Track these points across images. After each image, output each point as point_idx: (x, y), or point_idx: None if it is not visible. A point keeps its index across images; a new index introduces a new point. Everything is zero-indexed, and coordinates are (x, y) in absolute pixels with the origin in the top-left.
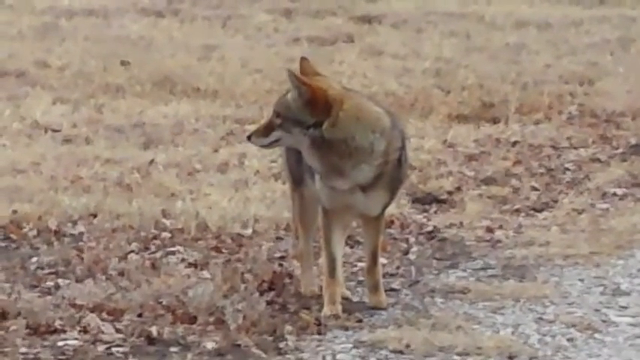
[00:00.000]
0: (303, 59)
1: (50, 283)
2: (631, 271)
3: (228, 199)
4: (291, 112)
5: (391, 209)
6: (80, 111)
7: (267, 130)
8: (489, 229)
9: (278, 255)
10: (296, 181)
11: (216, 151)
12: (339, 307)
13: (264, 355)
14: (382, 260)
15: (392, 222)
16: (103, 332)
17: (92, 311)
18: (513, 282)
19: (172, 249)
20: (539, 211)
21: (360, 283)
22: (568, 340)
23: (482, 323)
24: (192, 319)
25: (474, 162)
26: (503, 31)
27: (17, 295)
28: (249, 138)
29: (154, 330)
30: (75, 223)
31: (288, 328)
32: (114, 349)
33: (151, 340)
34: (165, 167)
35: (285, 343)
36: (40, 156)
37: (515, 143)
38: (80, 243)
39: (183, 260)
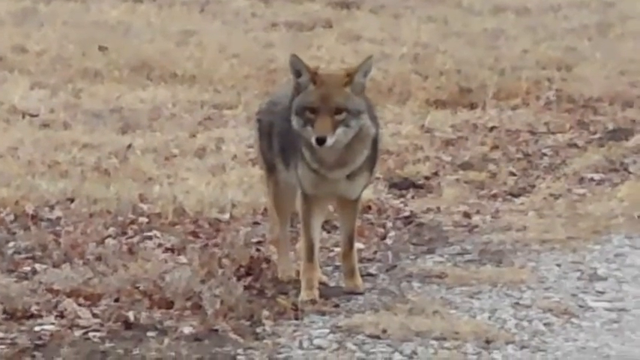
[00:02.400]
0: None
1: (27, 268)
2: (608, 256)
3: (205, 184)
4: (359, 104)
5: (369, 194)
6: (58, 96)
7: (333, 128)
8: (466, 214)
9: (255, 240)
10: (270, 167)
11: (193, 136)
12: (317, 292)
13: (241, 340)
14: (359, 245)
15: (369, 207)
16: (79, 317)
17: (69, 296)
18: (490, 267)
19: (149, 234)
20: (517, 196)
21: (336, 268)
22: (545, 324)
23: (459, 308)
24: (170, 304)
25: (451, 147)
26: (481, 17)
27: None
28: (323, 141)
29: (131, 315)
30: (52, 207)
31: (266, 313)
32: (91, 334)
33: (127, 325)
34: (143, 152)
35: (262, 328)
36: (17, 141)
37: (492, 128)
38: (57, 228)
39: (160, 245)
